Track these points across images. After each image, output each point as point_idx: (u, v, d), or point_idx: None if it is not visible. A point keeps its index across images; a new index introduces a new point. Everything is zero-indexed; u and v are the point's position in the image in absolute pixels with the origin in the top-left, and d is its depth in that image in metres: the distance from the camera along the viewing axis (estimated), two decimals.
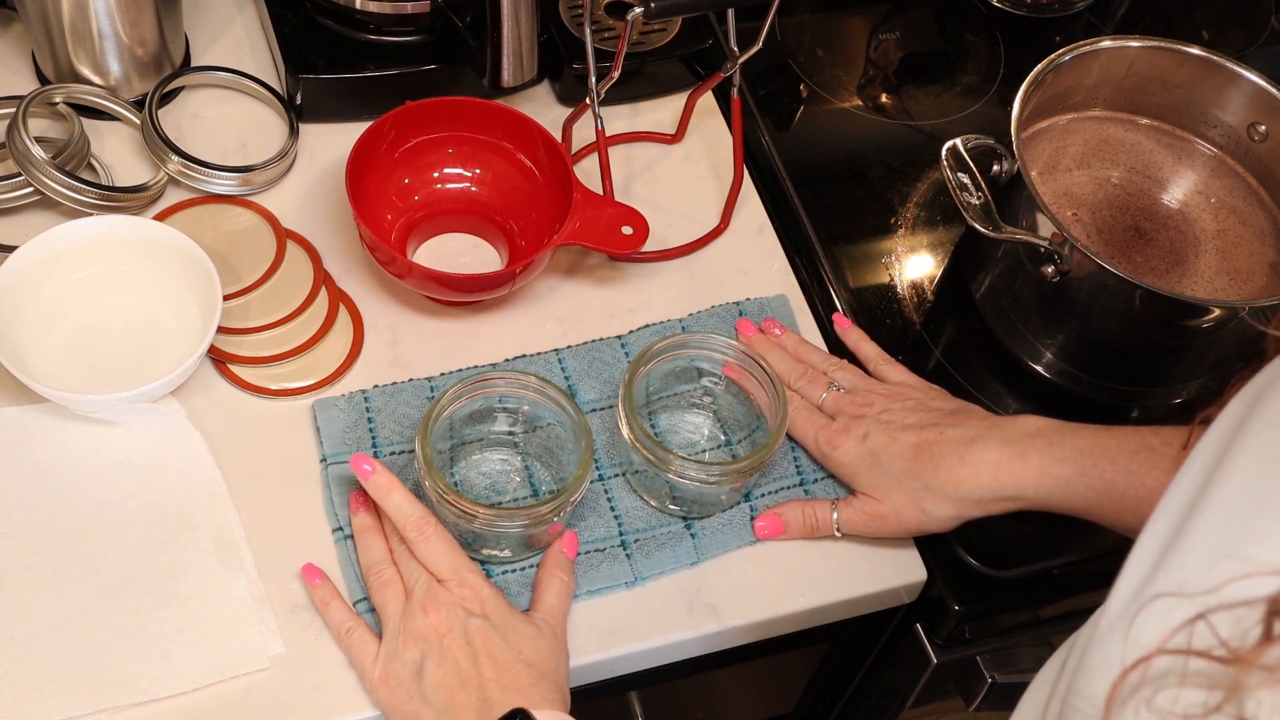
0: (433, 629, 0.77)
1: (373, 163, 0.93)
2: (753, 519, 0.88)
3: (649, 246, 0.96)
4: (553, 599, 0.81)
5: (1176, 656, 0.44)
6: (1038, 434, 0.82)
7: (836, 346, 0.97)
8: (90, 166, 0.96)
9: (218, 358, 0.89)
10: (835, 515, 0.86)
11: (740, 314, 0.96)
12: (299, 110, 1.01)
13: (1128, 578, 0.49)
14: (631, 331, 0.95)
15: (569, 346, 0.93)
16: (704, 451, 0.90)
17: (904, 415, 0.87)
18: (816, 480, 0.90)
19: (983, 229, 0.91)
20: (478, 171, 0.98)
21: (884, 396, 0.89)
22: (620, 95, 1.05)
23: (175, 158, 0.95)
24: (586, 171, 1.01)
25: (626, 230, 0.93)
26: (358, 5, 0.98)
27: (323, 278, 0.94)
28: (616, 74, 0.94)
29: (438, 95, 0.95)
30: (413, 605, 0.78)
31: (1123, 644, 0.47)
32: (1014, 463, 0.81)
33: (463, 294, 0.93)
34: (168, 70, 1.01)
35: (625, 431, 0.84)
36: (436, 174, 0.98)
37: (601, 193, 0.98)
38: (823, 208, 1.05)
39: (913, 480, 0.83)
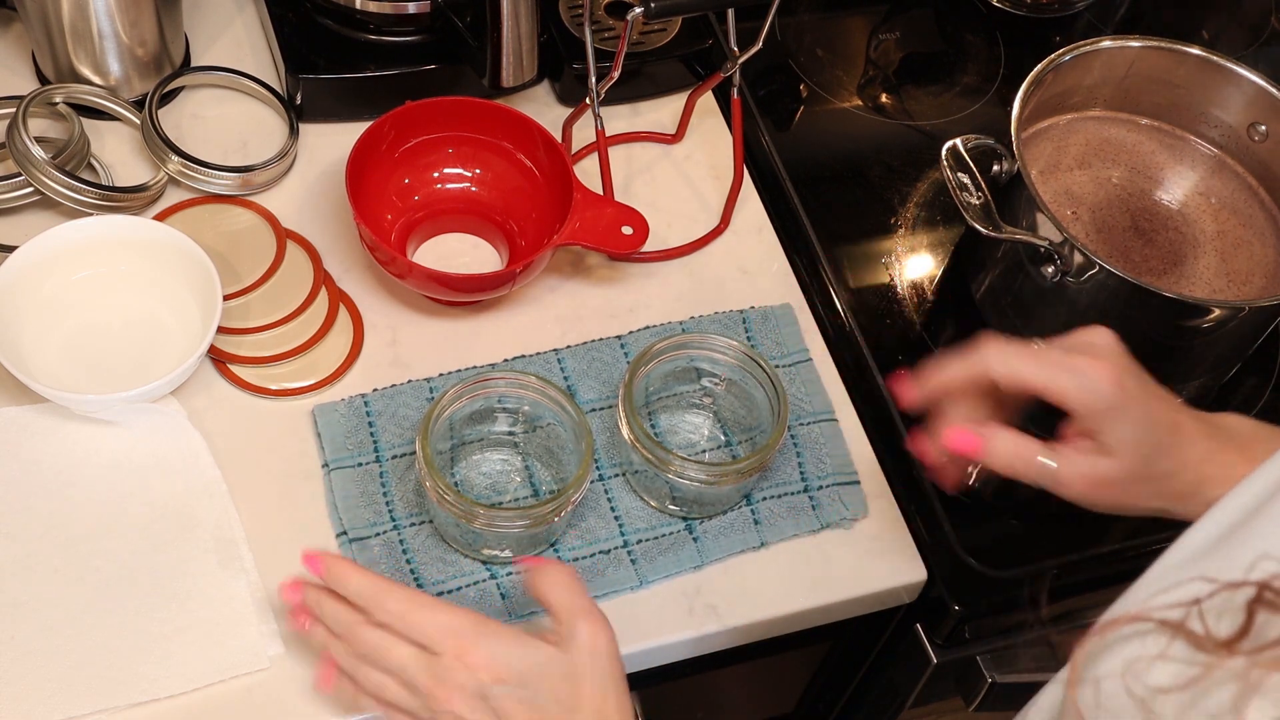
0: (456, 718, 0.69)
1: (373, 163, 0.93)
2: (755, 522, 0.87)
3: (649, 246, 0.96)
4: (563, 595, 0.72)
5: (1164, 628, 0.44)
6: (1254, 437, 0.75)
7: (839, 345, 0.97)
8: (90, 166, 0.96)
9: (218, 358, 0.89)
10: (1054, 462, 0.73)
11: (744, 321, 0.96)
12: (299, 110, 1.01)
13: (1175, 550, 0.48)
14: (631, 332, 0.95)
15: (568, 346, 0.93)
16: (704, 452, 0.90)
17: None
18: (821, 486, 0.90)
19: (983, 229, 0.91)
20: (478, 171, 0.98)
21: None
22: (620, 95, 1.05)
23: (175, 158, 0.95)
24: (586, 171, 1.01)
25: (626, 230, 0.93)
26: (358, 5, 0.98)
27: (323, 278, 0.94)
28: (616, 74, 0.94)
29: (438, 95, 0.95)
30: (421, 697, 0.70)
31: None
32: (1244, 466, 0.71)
33: (463, 294, 0.93)
34: (168, 70, 1.01)
35: (625, 431, 0.84)
36: (436, 174, 0.98)
37: (601, 193, 0.98)
38: (823, 208, 1.05)
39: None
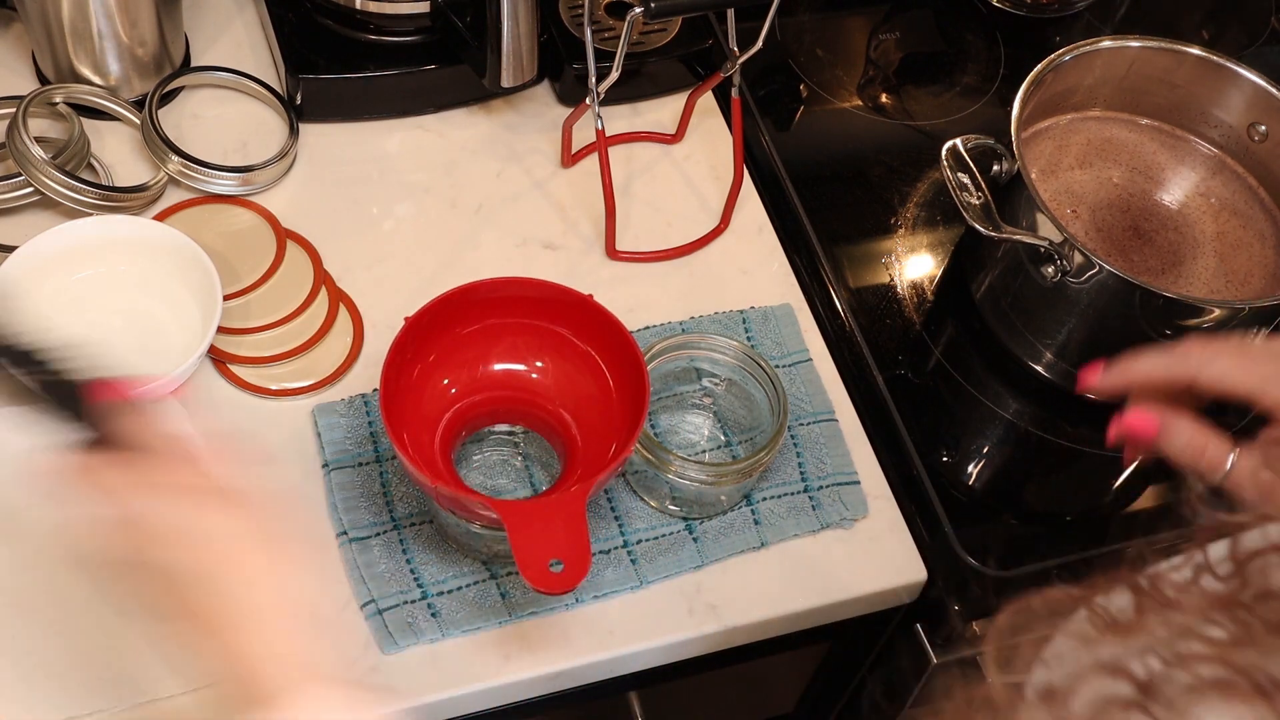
0: None
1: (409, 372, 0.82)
2: (755, 522, 0.87)
3: (649, 246, 0.96)
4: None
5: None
6: None
7: (839, 345, 0.97)
8: (90, 166, 0.96)
9: (218, 358, 0.89)
10: (1232, 458, 0.69)
11: (744, 321, 0.96)
12: (299, 110, 1.01)
13: None
14: (632, 332, 0.94)
15: None
16: (704, 452, 0.90)
17: None
18: (821, 486, 0.90)
19: (983, 229, 0.91)
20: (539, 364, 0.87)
21: None
22: (620, 95, 1.05)
23: (175, 158, 0.95)
24: (587, 171, 1.01)
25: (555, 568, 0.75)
26: (358, 5, 0.98)
27: (323, 278, 0.94)
28: (616, 74, 0.94)
29: (437, 95, 0.94)
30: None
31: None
32: None
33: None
34: (168, 70, 1.01)
35: None
36: (483, 368, 0.86)
37: (601, 192, 0.97)
38: (823, 208, 1.05)
39: None
